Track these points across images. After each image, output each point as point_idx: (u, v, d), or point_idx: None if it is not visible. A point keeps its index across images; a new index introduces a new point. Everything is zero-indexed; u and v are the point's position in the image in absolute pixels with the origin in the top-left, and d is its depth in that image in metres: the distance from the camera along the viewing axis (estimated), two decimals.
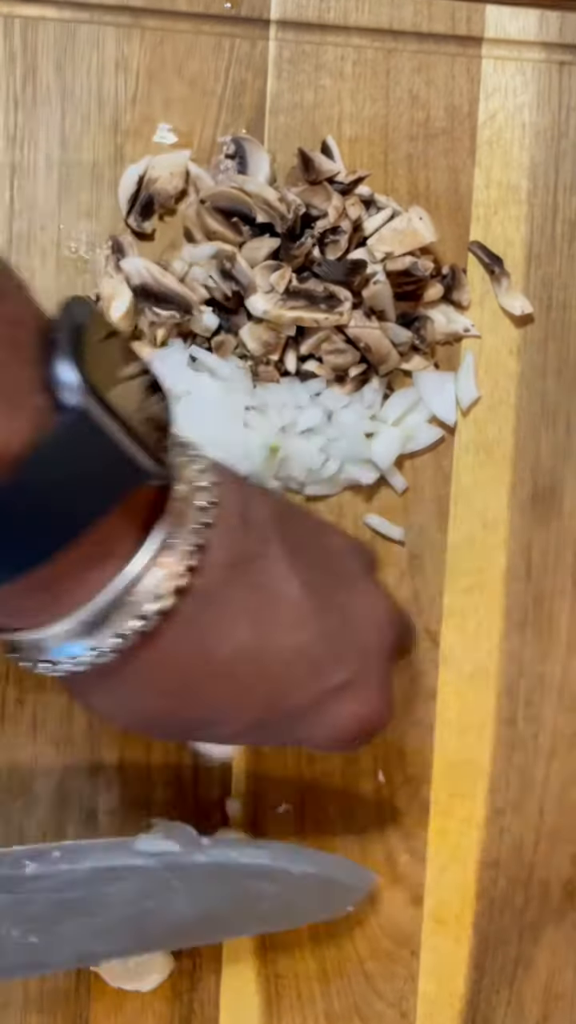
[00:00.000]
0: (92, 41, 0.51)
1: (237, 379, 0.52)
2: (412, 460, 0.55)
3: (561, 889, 0.59)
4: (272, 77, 0.53)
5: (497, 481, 0.56)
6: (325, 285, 0.51)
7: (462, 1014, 0.59)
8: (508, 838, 0.58)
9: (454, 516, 0.56)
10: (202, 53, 0.52)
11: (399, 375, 0.54)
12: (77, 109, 0.51)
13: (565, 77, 0.54)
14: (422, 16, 0.53)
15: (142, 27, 0.51)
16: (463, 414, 0.55)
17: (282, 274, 0.50)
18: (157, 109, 0.52)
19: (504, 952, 0.59)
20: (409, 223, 0.52)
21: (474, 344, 0.55)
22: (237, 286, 0.50)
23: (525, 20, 0.54)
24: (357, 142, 0.53)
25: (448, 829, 0.57)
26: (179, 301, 0.50)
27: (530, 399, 0.56)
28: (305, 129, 0.53)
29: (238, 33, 0.52)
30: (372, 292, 0.51)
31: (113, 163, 0.52)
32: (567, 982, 0.60)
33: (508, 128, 0.54)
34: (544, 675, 0.57)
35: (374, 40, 0.53)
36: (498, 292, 0.55)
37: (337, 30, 0.53)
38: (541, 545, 0.57)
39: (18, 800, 0.54)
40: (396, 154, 0.54)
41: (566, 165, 0.55)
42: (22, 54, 0.51)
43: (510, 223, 0.55)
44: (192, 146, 0.52)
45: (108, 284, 0.51)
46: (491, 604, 0.57)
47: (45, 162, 0.51)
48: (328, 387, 0.53)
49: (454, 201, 0.54)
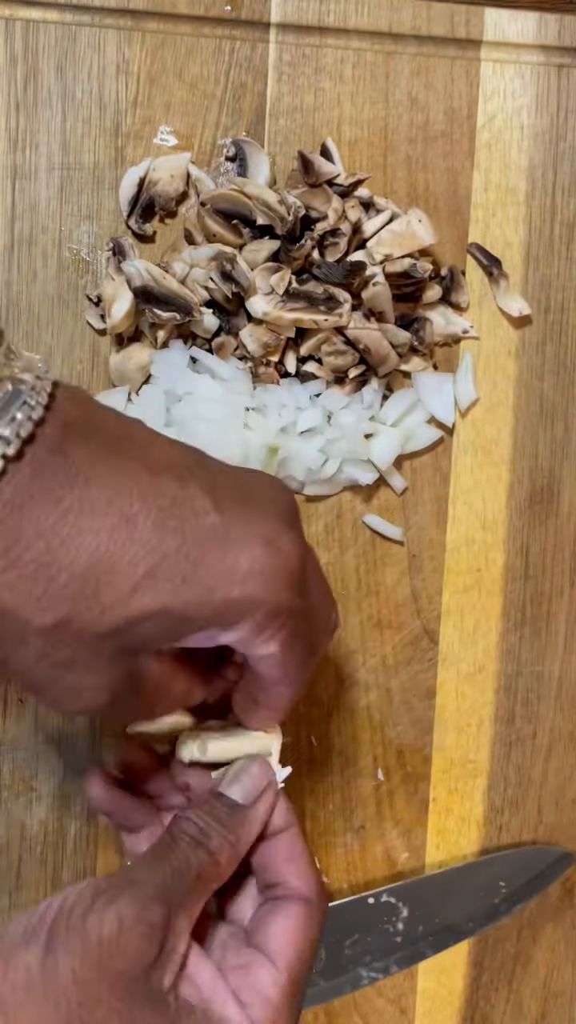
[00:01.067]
0: (93, 44, 0.51)
1: (237, 380, 0.52)
2: (411, 461, 0.56)
3: (559, 887, 0.59)
4: (272, 80, 0.53)
5: (495, 481, 0.56)
6: (325, 287, 0.51)
7: (461, 1011, 0.59)
8: (506, 836, 0.58)
9: (453, 516, 0.56)
10: (202, 56, 0.52)
11: (398, 376, 0.54)
12: (78, 112, 0.51)
13: (564, 80, 0.55)
14: (421, 19, 0.53)
15: (143, 30, 0.51)
16: (462, 415, 0.56)
17: (282, 276, 0.50)
18: (158, 112, 0.52)
19: (503, 950, 0.59)
20: (408, 225, 0.52)
21: (473, 345, 0.56)
22: (237, 288, 0.50)
23: (524, 23, 0.54)
24: (356, 145, 0.54)
25: (447, 827, 0.58)
26: (180, 303, 0.50)
27: (528, 400, 0.56)
28: (305, 132, 0.53)
29: (238, 36, 0.52)
30: (371, 294, 0.51)
31: (114, 165, 0.52)
32: (565, 979, 0.60)
33: (507, 130, 0.55)
34: (542, 674, 0.58)
35: (373, 43, 0.53)
36: (496, 294, 0.55)
37: (337, 33, 0.53)
38: (539, 545, 0.57)
39: (20, 798, 0.54)
40: (395, 156, 0.54)
41: (564, 167, 0.55)
42: (23, 57, 0.51)
43: (508, 225, 0.55)
44: (192, 149, 0.53)
45: (109, 286, 0.51)
46: (489, 603, 0.57)
47: (46, 164, 0.51)
48: (328, 388, 0.53)
49: (453, 203, 0.55)
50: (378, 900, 0.56)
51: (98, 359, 0.53)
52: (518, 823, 0.58)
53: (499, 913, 0.57)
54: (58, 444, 0.36)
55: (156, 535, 0.36)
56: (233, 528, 0.37)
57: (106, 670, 0.37)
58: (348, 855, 0.57)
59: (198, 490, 0.37)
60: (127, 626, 0.36)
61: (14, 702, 0.53)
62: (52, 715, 0.54)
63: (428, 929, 0.56)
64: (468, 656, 0.57)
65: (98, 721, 0.54)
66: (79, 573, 0.35)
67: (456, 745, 0.57)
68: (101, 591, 0.36)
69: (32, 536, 0.35)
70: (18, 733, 0.54)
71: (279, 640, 0.38)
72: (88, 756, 0.54)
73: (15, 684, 0.51)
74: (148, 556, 0.36)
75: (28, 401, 0.35)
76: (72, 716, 0.38)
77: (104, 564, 0.35)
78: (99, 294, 0.52)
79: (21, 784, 0.54)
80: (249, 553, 0.37)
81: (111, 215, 0.52)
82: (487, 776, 0.58)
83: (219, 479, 0.39)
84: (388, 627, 0.56)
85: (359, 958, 0.55)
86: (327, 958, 0.55)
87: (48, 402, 0.36)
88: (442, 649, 0.57)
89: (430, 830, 0.57)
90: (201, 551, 0.36)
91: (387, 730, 0.57)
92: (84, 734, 0.54)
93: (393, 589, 0.56)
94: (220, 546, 0.37)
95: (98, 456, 0.36)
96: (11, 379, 0.36)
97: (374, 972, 0.56)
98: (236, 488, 0.39)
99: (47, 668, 0.36)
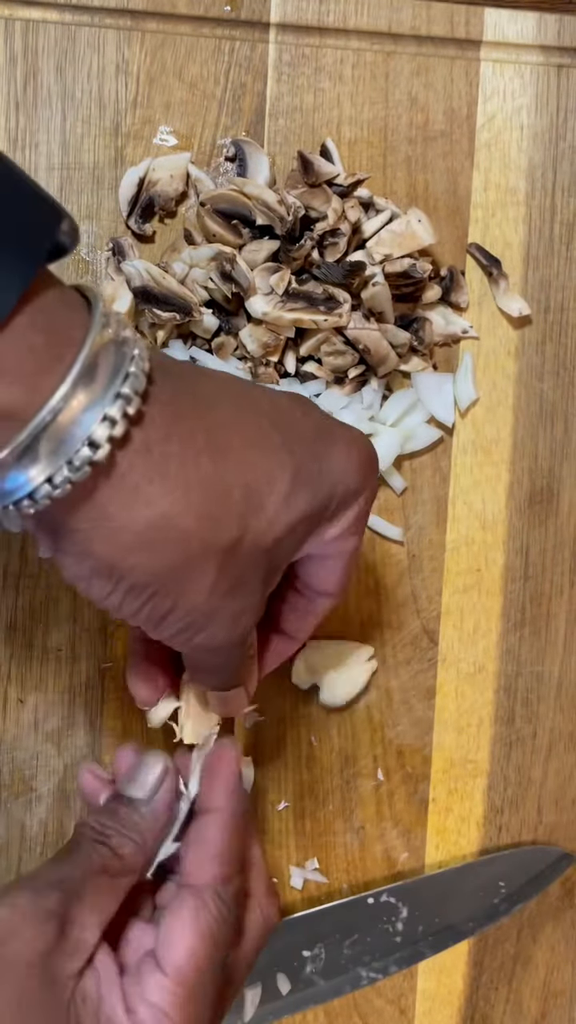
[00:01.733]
0: (93, 44, 0.51)
1: None
2: (411, 461, 0.56)
3: (559, 887, 0.59)
4: (272, 80, 0.53)
5: (495, 481, 0.56)
6: (324, 287, 0.51)
7: (461, 1011, 0.59)
8: (506, 836, 0.58)
9: (452, 516, 0.56)
10: (202, 56, 0.52)
11: (398, 376, 0.54)
12: (78, 112, 0.51)
13: (563, 80, 0.55)
14: (421, 19, 0.53)
15: (142, 30, 0.51)
16: (461, 415, 0.56)
17: (282, 276, 0.50)
18: (157, 112, 0.52)
19: (503, 949, 0.59)
20: (408, 225, 0.52)
21: (472, 345, 0.56)
22: (237, 288, 0.50)
23: (523, 23, 0.54)
24: (356, 145, 0.54)
25: (447, 827, 0.58)
26: (179, 303, 0.50)
27: (528, 400, 0.56)
28: (304, 132, 0.53)
29: (238, 36, 0.52)
30: (371, 294, 0.51)
31: (114, 165, 0.52)
32: (565, 979, 0.60)
33: (506, 130, 0.55)
34: (542, 674, 0.58)
35: (373, 43, 0.53)
36: (496, 294, 0.55)
37: (336, 33, 0.53)
38: (539, 545, 0.57)
39: (20, 798, 0.54)
40: (395, 157, 0.54)
41: (564, 167, 0.55)
42: (23, 57, 0.51)
43: (508, 225, 0.55)
44: (192, 149, 0.53)
45: (109, 286, 0.51)
46: (489, 603, 0.57)
47: (46, 164, 0.51)
48: (327, 388, 0.53)
49: (452, 203, 0.55)
50: (378, 900, 0.56)
51: None
52: (518, 823, 0.58)
53: (499, 913, 0.57)
54: (168, 378, 0.37)
55: (285, 444, 0.38)
56: (327, 430, 0.40)
57: (259, 589, 0.39)
58: (348, 855, 0.57)
59: (287, 401, 0.40)
60: (287, 535, 0.38)
61: (14, 702, 0.54)
62: (52, 715, 0.54)
63: (428, 929, 0.56)
64: (468, 656, 0.57)
65: (99, 721, 0.54)
66: (244, 487, 0.37)
67: (456, 745, 0.57)
68: (265, 502, 0.37)
69: (195, 454, 0.36)
70: (18, 733, 0.54)
71: (359, 534, 0.42)
72: (88, 756, 0.54)
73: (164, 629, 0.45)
74: (289, 463, 0.38)
75: (137, 344, 0.35)
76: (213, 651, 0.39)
77: (261, 477, 0.37)
78: None
79: (21, 784, 0.54)
80: (351, 449, 0.40)
81: (111, 215, 0.52)
82: (487, 776, 0.58)
83: (277, 393, 0.41)
84: (388, 627, 0.56)
85: (358, 958, 0.55)
86: (327, 958, 0.55)
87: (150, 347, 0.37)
88: (442, 649, 0.57)
89: (430, 830, 0.57)
90: (317, 451, 0.39)
91: (387, 730, 0.57)
92: (84, 734, 0.54)
93: (393, 589, 0.56)
94: (328, 445, 0.40)
95: (204, 386, 0.38)
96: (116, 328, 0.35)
97: (374, 972, 0.56)
98: (291, 396, 0.41)
99: (217, 598, 0.37)
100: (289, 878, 0.56)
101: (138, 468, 0.35)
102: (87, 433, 0.33)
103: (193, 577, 0.36)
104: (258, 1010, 0.54)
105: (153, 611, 0.37)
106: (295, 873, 0.56)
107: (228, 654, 0.41)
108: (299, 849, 0.57)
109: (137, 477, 0.35)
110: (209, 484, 0.36)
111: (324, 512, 0.39)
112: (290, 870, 0.56)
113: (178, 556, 0.36)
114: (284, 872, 0.56)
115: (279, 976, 0.55)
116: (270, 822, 0.56)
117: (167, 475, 0.35)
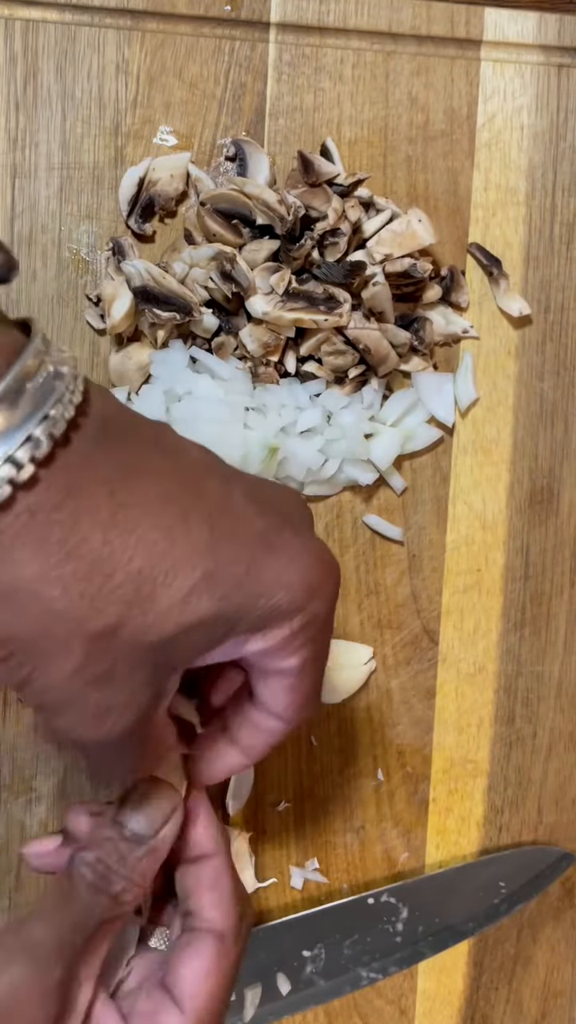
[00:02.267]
0: (93, 44, 0.51)
1: (237, 380, 0.52)
2: (411, 461, 0.56)
3: (559, 887, 0.59)
4: (272, 80, 0.53)
5: (495, 481, 0.56)
6: (325, 287, 0.51)
7: (461, 1011, 0.59)
8: (506, 836, 0.58)
9: (453, 516, 0.56)
10: (202, 56, 0.52)
11: (398, 376, 0.54)
12: (78, 111, 0.51)
13: (564, 79, 0.55)
14: (421, 19, 0.53)
15: (142, 30, 0.51)
16: (462, 415, 0.56)
17: (282, 276, 0.50)
18: (157, 111, 0.52)
19: (503, 950, 0.59)
20: (408, 225, 0.52)
21: (472, 345, 0.56)
22: (237, 288, 0.50)
23: (524, 23, 0.54)
24: (356, 144, 0.54)
25: (447, 827, 0.58)
26: (179, 303, 0.50)
27: (528, 400, 0.56)
28: (305, 131, 0.53)
29: (238, 36, 0.52)
30: (371, 294, 0.51)
31: (114, 165, 0.52)
32: (565, 979, 0.60)
33: (507, 130, 0.55)
34: (542, 674, 0.58)
35: (373, 43, 0.53)
36: (496, 294, 0.55)
37: (336, 33, 0.53)
38: (539, 545, 0.57)
39: (20, 798, 0.54)
40: (395, 156, 0.54)
41: (564, 167, 0.55)
42: (23, 56, 0.51)
43: (508, 225, 0.55)
44: (192, 148, 0.53)
45: (109, 286, 0.51)
46: (489, 603, 0.57)
47: (46, 164, 0.51)
48: (328, 388, 0.53)
49: (453, 203, 0.55)
50: (378, 900, 0.56)
51: (98, 359, 0.53)
52: (518, 823, 0.58)
53: (499, 913, 0.57)
54: (101, 437, 0.34)
55: (210, 537, 0.35)
56: (276, 535, 0.36)
57: (140, 689, 0.35)
58: (348, 855, 0.57)
59: (241, 495, 0.36)
60: (179, 634, 0.34)
61: (14, 702, 0.54)
62: None
63: (428, 929, 0.56)
64: (468, 656, 0.57)
65: None
66: (135, 573, 0.33)
67: (456, 745, 0.57)
68: (157, 594, 0.33)
69: (89, 527, 0.33)
70: (18, 733, 0.54)
71: (301, 656, 0.37)
72: None
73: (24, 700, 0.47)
74: (204, 559, 0.34)
75: (69, 387, 0.33)
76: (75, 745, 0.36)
77: (161, 565, 0.34)
78: (99, 294, 0.52)
79: (21, 784, 0.54)
80: (300, 562, 0.36)
81: (111, 215, 0.52)
82: (487, 776, 0.58)
83: (251, 485, 0.38)
84: (388, 627, 0.56)
85: (358, 958, 0.55)
86: (327, 958, 0.55)
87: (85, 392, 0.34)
88: (442, 649, 0.57)
89: (430, 830, 0.57)
90: (251, 556, 0.35)
91: (387, 730, 0.57)
92: None
93: (393, 589, 0.56)
94: (267, 552, 0.36)
95: (142, 452, 0.35)
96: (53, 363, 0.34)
97: (374, 972, 0.56)
98: (266, 494, 0.38)
99: (80, 684, 0.34)
100: (289, 878, 0.57)
101: (14, 529, 0.32)
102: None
103: (54, 653, 0.33)
104: (258, 1010, 0.54)
105: (11, 673, 0.34)
106: (295, 873, 0.56)
107: (100, 752, 0.36)
108: (299, 849, 0.57)
109: (10, 538, 0.32)
110: (94, 561, 0.33)
111: (239, 621, 0.35)
112: (290, 870, 0.56)
113: (36, 626, 0.33)
114: (284, 872, 0.57)
115: (279, 976, 0.55)
116: (270, 822, 0.56)
117: (45, 542, 0.32)
